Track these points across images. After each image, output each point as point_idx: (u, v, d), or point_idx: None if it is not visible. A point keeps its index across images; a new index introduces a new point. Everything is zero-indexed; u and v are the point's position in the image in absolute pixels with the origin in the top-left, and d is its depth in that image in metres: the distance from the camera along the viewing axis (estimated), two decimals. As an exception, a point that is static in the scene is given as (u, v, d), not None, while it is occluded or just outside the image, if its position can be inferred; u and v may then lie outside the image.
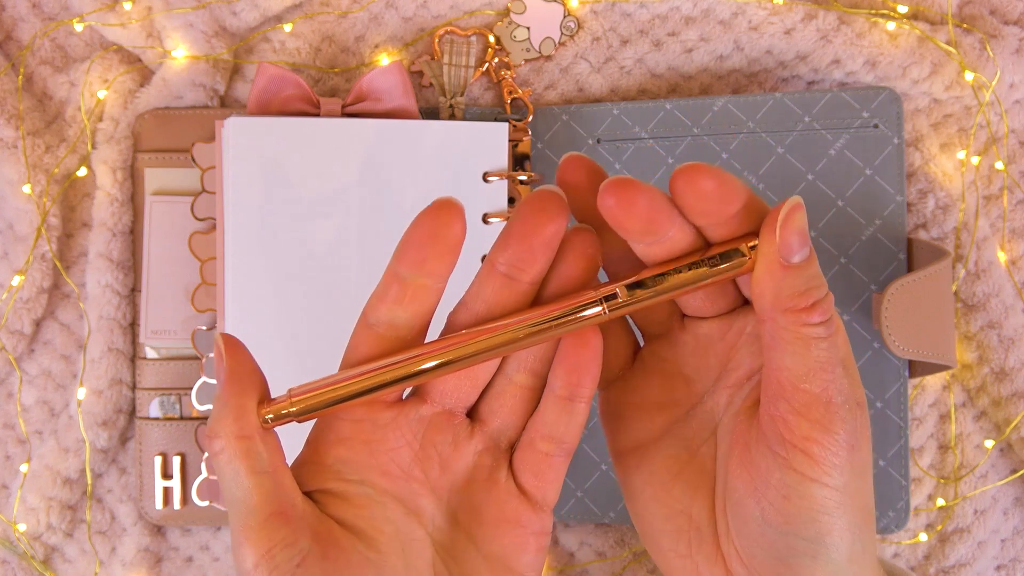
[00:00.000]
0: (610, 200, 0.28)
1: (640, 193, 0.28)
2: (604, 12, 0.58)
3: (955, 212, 0.57)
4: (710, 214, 0.28)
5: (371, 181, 0.53)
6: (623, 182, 0.28)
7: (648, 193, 0.28)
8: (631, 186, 0.28)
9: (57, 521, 0.57)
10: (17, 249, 0.57)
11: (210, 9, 0.57)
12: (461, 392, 0.32)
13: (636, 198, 0.28)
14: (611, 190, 0.28)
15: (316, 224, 0.53)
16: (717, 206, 0.28)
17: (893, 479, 0.54)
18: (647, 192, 0.28)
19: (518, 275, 0.30)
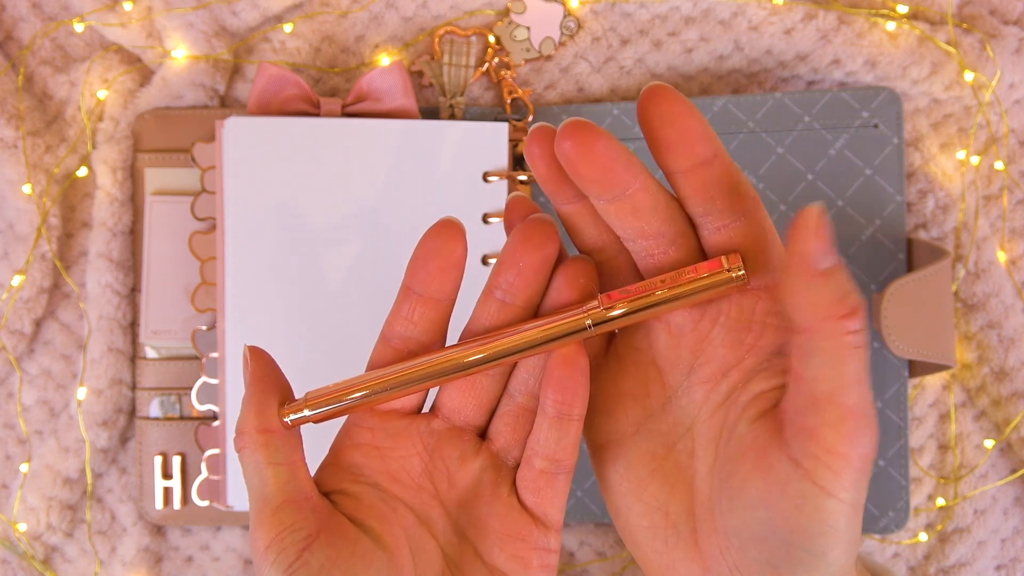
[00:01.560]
0: (566, 143, 0.28)
1: (598, 137, 0.28)
2: (604, 12, 0.58)
3: (955, 212, 0.57)
4: (676, 149, 0.28)
5: (371, 181, 0.53)
6: (581, 125, 0.28)
7: (607, 139, 0.28)
8: (589, 129, 0.28)
9: (57, 521, 0.57)
10: (17, 249, 0.57)
11: (210, 9, 0.57)
12: (468, 410, 0.33)
13: (594, 142, 0.28)
14: (568, 132, 0.28)
15: (316, 224, 0.53)
16: (683, 138, 0.28)
17: (893, 479, 0.54)
18: (606, 137, 0.28)
19: (512, 300, 0.31)
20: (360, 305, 0.53)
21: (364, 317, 0.53)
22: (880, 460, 0.55)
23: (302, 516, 0.30)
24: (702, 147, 0.28)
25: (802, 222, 0.27)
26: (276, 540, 0.29)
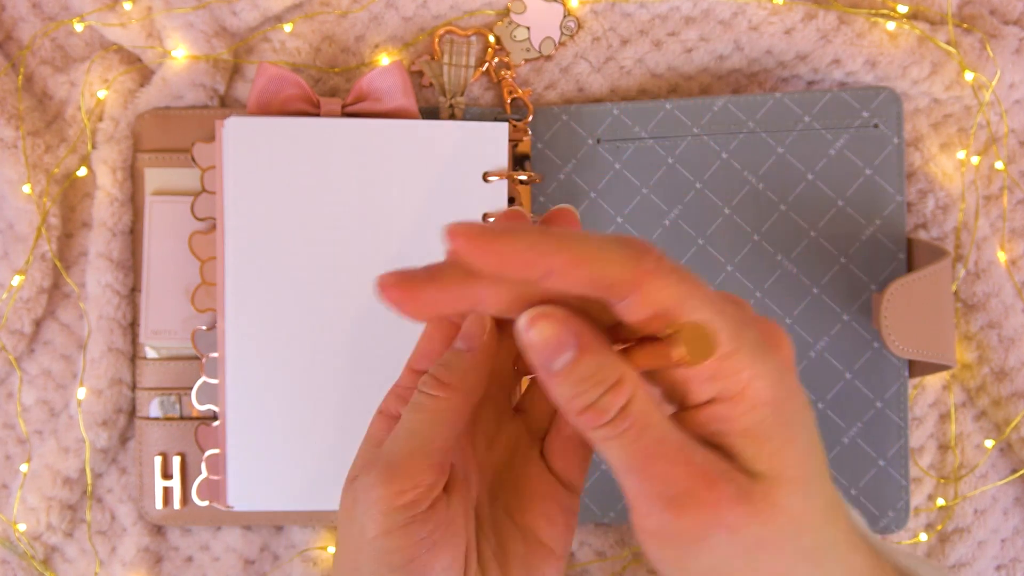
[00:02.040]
0: (458, 241, 0.25)
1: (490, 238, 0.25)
2: (604, 12, 0.58)
3: (955, 212, 0.57)
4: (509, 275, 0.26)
5: (371, 181, 0.53)
6: (467, 230, 0.25)
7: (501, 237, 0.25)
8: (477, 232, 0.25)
9: (57, 521, 0.57)
10: (17, 249, 0.57)
11: (210, 9, 0.57)
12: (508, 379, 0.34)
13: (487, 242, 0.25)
14: (456, 233, 0.25)
15: (316, 224, 0.53)
16: (506, 269, 0.25)
17: (893, 479, 0.54)
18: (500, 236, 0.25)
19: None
20: (360, 304, 0.53)
21: (364, 316, 0.53)
22: (880, 460, 0.55)
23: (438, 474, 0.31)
24: (527, 270, 0.25)
25: (524, 325, 0.26)
26: (409, 491, 0.30)
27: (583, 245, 0.25)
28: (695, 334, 0.25)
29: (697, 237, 0.56)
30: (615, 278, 0.25)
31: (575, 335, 0.26)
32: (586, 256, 0.25)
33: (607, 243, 0.25)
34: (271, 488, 0.54)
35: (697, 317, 0.25)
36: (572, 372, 0.25)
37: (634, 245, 0.25)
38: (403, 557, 0.30)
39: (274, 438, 0.53)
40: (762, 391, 0.26)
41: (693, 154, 0.56)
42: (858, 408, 0.55)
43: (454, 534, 0.31)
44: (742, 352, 0.25)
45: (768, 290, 0.55)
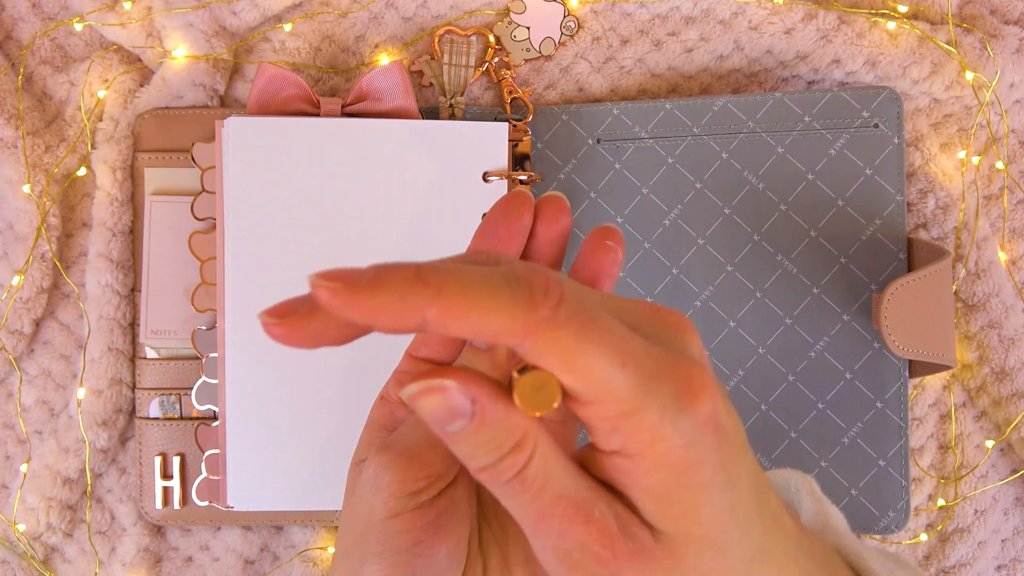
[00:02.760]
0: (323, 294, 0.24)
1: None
2: (604, 12, 0.58)
3: (955, 212, 0.57)
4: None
5: (371, 181, 0.53)
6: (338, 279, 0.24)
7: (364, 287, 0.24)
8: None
9: (57, 521, 0.57)
10: (17, 249, 0.57)
11: (210, 9, 0.57)
12: (483, 363, 0.33)
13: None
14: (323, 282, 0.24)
15: (316, 224, 0.53)
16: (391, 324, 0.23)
17: (893, 479, 0.54)
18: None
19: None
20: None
21: (364, 317, 0.53)
22: (880, 460, 0.55)
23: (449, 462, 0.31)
24: (400, 324, 0.23)
25: (409, 397, 0.24)
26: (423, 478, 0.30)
27: (465, 292, 0.22)
28: (534, 385, 0.23)
29: (697, 237, 0.56)
30: (502, 327, 0.22)
31: (470, 400, 0.23)
32: (467, 306, 0.22)
33: (496, 287, 0.22)
34: (271, 488, 0.53)
35: (596, 372, 0.23)
36: (467, 438, 0.24)
37: (528, 287, 0.22)
38: (410, 539, 0.30)
39: (274, 438, 0.53)
40: (667, 454, 0.23)
41: (693, 154, 0.56)
42: (858, 408, 0.55)
43: (459, 519, 0.31)
44: (648, 410, 0.23)
45: (768, 290, 0.55)
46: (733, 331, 0.55)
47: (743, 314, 0.55)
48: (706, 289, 0.56)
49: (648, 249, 0.56)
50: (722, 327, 0.55)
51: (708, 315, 0.56)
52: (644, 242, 0.56)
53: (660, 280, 0.56)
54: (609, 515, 0.24)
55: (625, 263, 0.56)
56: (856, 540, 0.35)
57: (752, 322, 0.55)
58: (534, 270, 0.23)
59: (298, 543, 0.58)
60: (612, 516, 0.24)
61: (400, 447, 0.30)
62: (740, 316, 0.55)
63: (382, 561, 0.30)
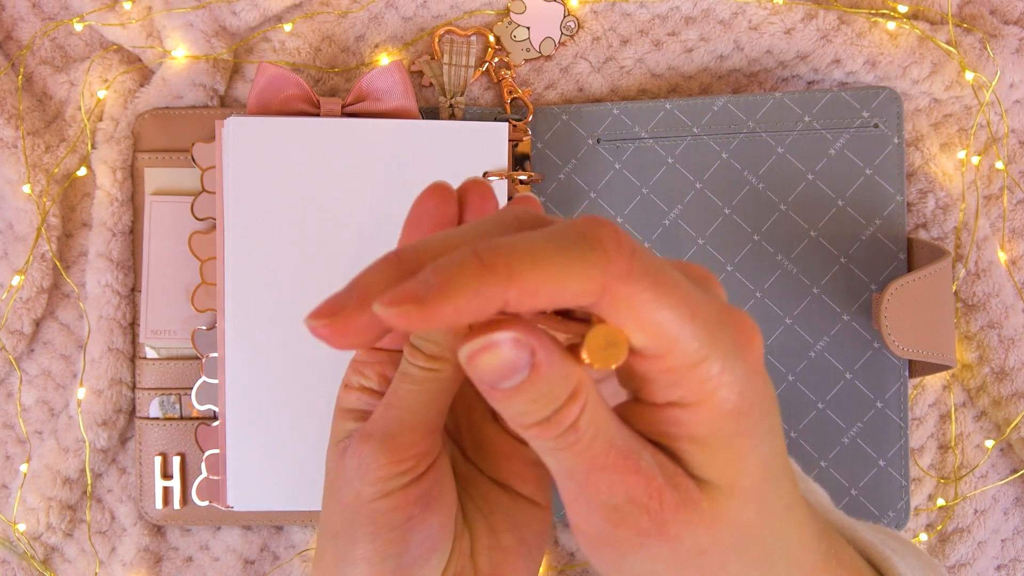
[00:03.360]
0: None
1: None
2: (604, 12, 0.58)
3: (955, 212, 0.57)
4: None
5: (371, 181, 0.53)
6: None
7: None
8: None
9: (57, 521, 0.57)
10: (17, 249, 0.57)
11: (210, 9, 0.57)
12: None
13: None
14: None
15: (316, 224, 0.53)
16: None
17: (893, 479, 0.54)
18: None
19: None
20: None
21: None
22: (880, 460, 0.55)
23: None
24: (481, 316, 0.22)
25: (466, 357, 0.23)
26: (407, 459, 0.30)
27: (536, 265, 0.21)
28: (604, 340, 0.23)
29: (697, 237, 0.56)
30: (581, 289, 0.22)
31: (528, 353, 0.22)
32: (542, 278, 0.21)
33: (566, 248, 0.22)
34: (271, 488, 0.53)
35: (669, 326, 0.23)
36: (522, 392, 0.23)
37: (601, 245, 0.22)
38: (402, 516, 0.29)
39: (274, 438, 0.53)
40: (725, 401, 0.24)
41: (693, 154, 0.56)
42: (858, 408, 0.55)
43: (447, 491, 0.31)
44: (711, 360, 0.23)
45: (768, 290, 0.55)
46: (733, 331, 0.55)
47: (743, 314, 0.55)
48: (706, 289, 0.56)
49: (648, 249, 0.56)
50: (722, 327, 0.55)
51: (708, 315, 0.56)
52: (644, 242, 0.56)
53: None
54: (655, 465, 0.24)
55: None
56: (842, 513, 0.36)
57: (752, 322, 0.55)
58: (597, 222, 0.22)
59: (298, 543, 0.58)
60: (657, 466, 0.24)
61: (382, 433, 0.29)
62: (740, 316, 0.55)
63: (375, 540, 0.29)
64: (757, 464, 0.25)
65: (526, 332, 0.22)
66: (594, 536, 0.26)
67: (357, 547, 0.30)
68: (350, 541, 0.30)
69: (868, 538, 0.33)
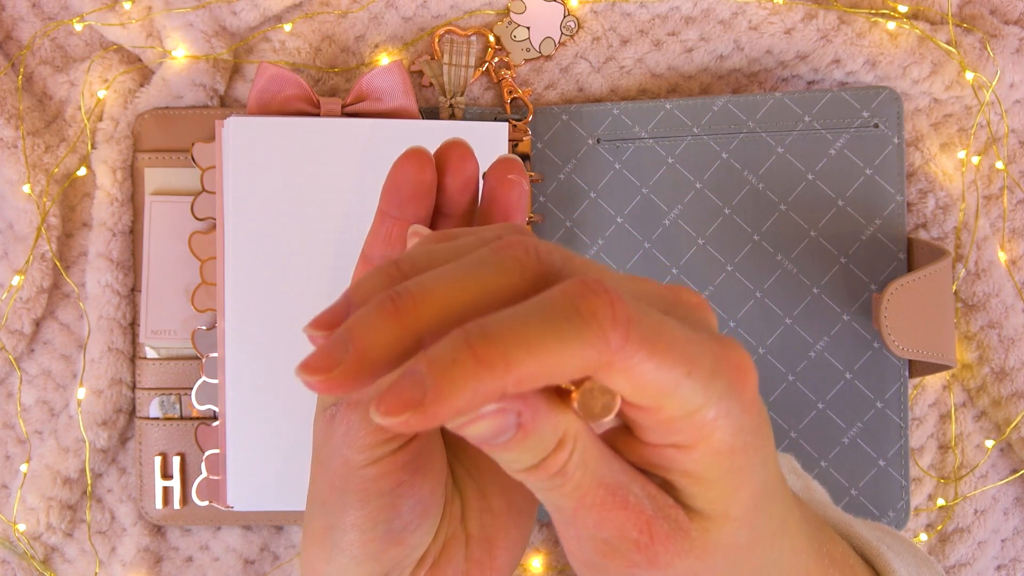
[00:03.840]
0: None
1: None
2: (604, 12, 0.58)
3: (955, 212, 0.57)
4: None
5: (371, 181, 0.53)
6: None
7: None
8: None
9: (57, 521, 0.57)
10: (17, 249, 0.57)
11: (210, 9, 0.57)
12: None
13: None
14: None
15: (316, 224, 0.53)
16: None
17: (893, 479, 0.54)
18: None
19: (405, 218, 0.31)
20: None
21: (364, 317, 0.53)
22: (880, 460, 0.55)
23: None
24: (482, 405, 0.22)
25: (455, 426, 0.23)
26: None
27: (531, 352, 0.21)
28: (596, 395, 0.23)
29: (697, 237, 0.56)
30: (578, 369, 0.22)
31: (515, 414, 0.22)
32: (539, 365, 0.21)
33: (562, 331, 0.21)
34: (271, 488, 0.53)
35: (666, 386, 0.22)
36: (511, 448, 0.23)
37: (595, 318, 0.21)
38: (392, 481, 0.29)
39: (274, 438, 0.53)
40: (720, 443, 0.24)
41: (693, 154, 0.56)
42: (858, 408, 0.55)
43: (437, 455, 0.31)
44: (707, 408, 0.23)
45: (768, 290, 0.55)
46: (733, 331, 0.55)
47: (743, 314, 0.55)
48: (706, 289, 0.56)
49: (648, 249, 0.56)
50: (722, 327, 0.55)
51: (708, 315, 0.56)
52: (644, 242, 0.56)
53: (660, 280, 0.56)
54: (644, 498, 0.24)
55: (625, 263, 0.56)
56: (840, 511, 0.36)
57: (752, 322, 0.55)
58: (590, 290, 0.22)
59: (298, 543, 0.58)
60: (647, 499, 0.24)
61: (369, 400, 0.29)
62: (740, 316, 0.55)
63: (366, 506, 0.29)
64: (749, 495, 0.25)
65: (514, 397, 0.22)
66: (586, 564, 0.26)
67: (347, 514, 0.30)
68: (340, 508, 0.30)
69: (864, 535, 0.33)
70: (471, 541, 0.32)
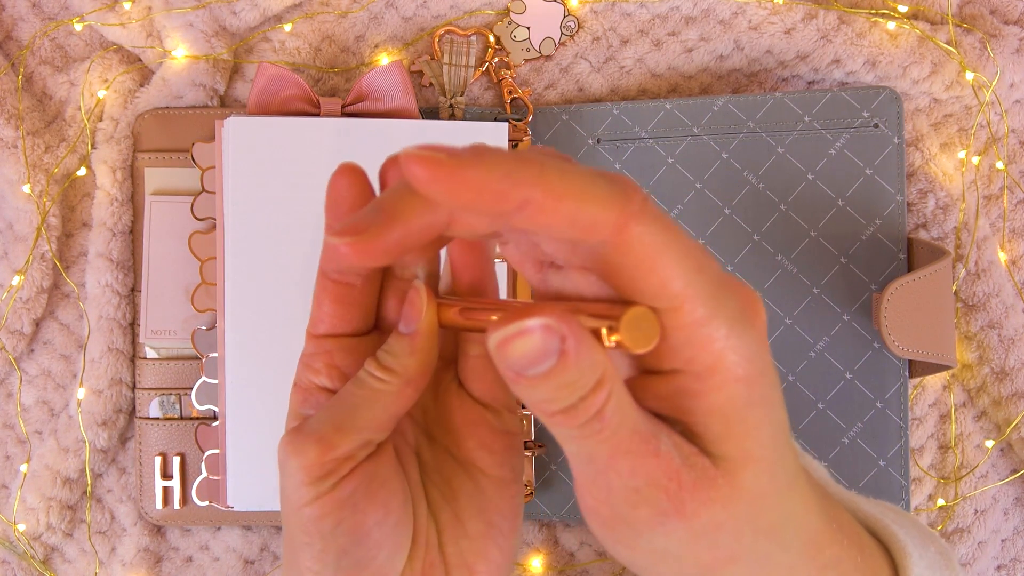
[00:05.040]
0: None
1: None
2: (604, 12, 0.58)
3: (955, 212, 0.57)
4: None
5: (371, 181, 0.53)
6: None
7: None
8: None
9: (57, 521, 0.57)
10: (17, 249, 0.57)
11: (210, 9, 0.57)
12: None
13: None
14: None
15: (316, 224, 0.53)
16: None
17: (893, 479, 0.54)
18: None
19: None
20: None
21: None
22: (880, 460, 0.55)
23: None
24: (500, 203, 0.22)
25: (496, 344, 0.23)
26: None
27: (566, 177, 0.22)
28: (639, 320, 0.23)
29: (697, 237, 0.56)
30: (597, 217, 0.22)
31: (558, 339, 0.22)
32: (568, 190, 0.22)
33: (592, 177, 0.22)
34: (271, 488, 0.54)
35: (678, 273, 0.23)
36: (550, 379, 0.23)
37: (621, 183, 0.23)
38: (331, 523, 0.29)
39: (274, 438, 0.53)
40: (735, 367, 0.24)
41: (693, 154, 0.56)
42: (858, 408, 0.55)
43: (379, 488, 0.30)
44: (718, 321, 0.23)
45: (768, 290, 0.55)
46: (733, 331, 0.56)
47: (743, 314, 0.55)
48: (706, 289, 0.56)
49: (648, 249, 0.56)
50: (722, 327, 0.55)
51: (708, 315, 0.56)
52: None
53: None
54: (672, 447, 0.25)
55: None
56: (842, 488, 0.36)
57: (752, 322, 0.55)
58: (619, 174, 0.23)
59: (298, 543, 0.58)
60: (674, 447, 0.25)
61: (307, 431, 0.29)
62: (740, 316, 0.55)
63: (311, 549, 0.29)
64: (769, 434, 0.25)
65: (557, 318, 0.22)
66: (610, 517, 0.26)
67: (301, 555, 0.29)
68: (294, 548, 0.30)
69: (867, 509, 0.33)
70: (450, 569, 0.31)
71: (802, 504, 0.28)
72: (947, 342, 0.53)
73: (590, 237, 0.23)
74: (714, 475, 0.25)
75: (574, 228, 0.22)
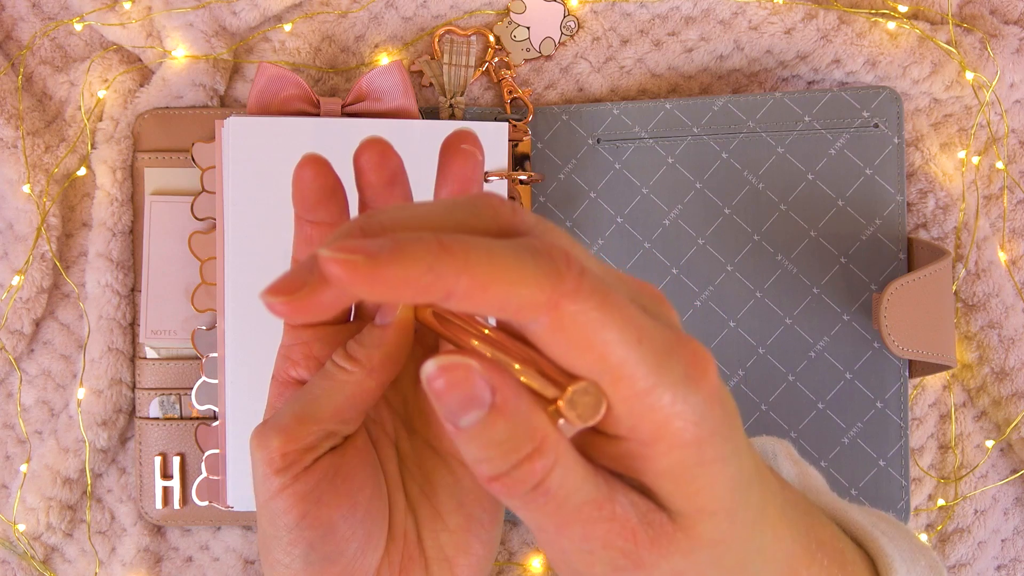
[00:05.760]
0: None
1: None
2: (604, 12, 0.58)
3: (955, 212, 0.57)
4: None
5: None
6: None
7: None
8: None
9: (57, 521, 0.57)
10: (17, 249, 0.57)
11: (210, 9, 0.57)
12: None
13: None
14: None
15: (316, 224, 0.53)
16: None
17: (893, 479, 0.54)
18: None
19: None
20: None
21: (364, 317, 0.53)
22: (880, 460, 0.55)
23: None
24: (422, 296, 0.22)
25: (429, 374, 0.22)
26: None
27: (493, 262, 0.21)
28: (583, 393, 0.23)
29: (697, 237, 0.56)
30: (526, 300, 0.21)
31: (490, 388, 0.22)
32: (494, 277, 0.21)
33: (522, 258, 0.21)
34: (271, 488, 0.53)
35: (616, 349, 0.22)
36: (481, 434, 0.22)
37: (552, 260, 0.22)
38: (295, 516, 0.29)
39: (274, 438, 0.53)
40: (682, 432, 0.23)
41: (693, 154, 0.56)
42: (858, 408, 0.55)
43: (344, 482, 0.29)
44: (660, 389, 0.23)
45: (768, 290, 0.55)
46: (733, 331, 0.55)
47: (743, 314, 0.55)
48: (706, 289, 0.56)
49: (648, 249, 0.56)
50: (722, 327, 0.55)
51: (708, 315, 0.56)
52: (644, 242, 0.56)
53: (660, 280, 0.56)
54: (629, 507, 0.24)
55: (625, 263, 0.56)
56: (836, 496, 0.35)
57: (752, 322, 0.55)
58: (550, 242, 0.22)
59: (298, 543, 0.58)
60: (631, 506, 0.24)
61: (272, 423, 0.29)
62: (740, 316, 0.55)
63: (279, 542, 0.29)
64: (725, 487, 0.24)
65: (492, 370, 0.22)
66: (570, 573, 0.26)
67: (271, 549, 0.29)
68: (265, 542, 0.30)
69: (859, 521, 0.33)
70: (430, 563, 0.31)
71: (772, 534, 0.27)
72: (947, 342, 0.53)
73: (522, 319, 0.22)
74: (671, 530, 0.24)
75: (505, 312, 0.22)
